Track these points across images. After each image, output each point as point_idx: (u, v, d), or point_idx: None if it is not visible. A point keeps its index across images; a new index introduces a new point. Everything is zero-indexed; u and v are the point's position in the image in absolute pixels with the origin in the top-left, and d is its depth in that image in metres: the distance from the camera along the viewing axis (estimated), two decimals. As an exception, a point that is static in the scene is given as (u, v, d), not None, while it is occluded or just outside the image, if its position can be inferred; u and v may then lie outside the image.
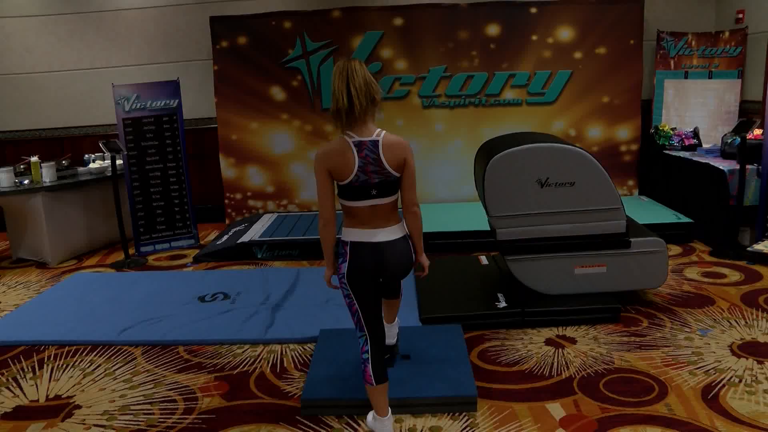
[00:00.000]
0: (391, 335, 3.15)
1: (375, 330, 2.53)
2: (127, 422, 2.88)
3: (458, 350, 3.25)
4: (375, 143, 2.39)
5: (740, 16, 6.07)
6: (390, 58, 6.38)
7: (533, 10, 6.24)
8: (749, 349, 3.33)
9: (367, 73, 2.38)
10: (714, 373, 3.08)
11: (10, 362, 3.56)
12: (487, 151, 3.95)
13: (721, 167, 5.00)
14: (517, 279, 3.91)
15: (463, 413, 2.81)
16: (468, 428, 2.70)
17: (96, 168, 5.86)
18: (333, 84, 2.35)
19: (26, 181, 5.40)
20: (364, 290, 2.49)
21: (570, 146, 3.73)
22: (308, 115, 6.50)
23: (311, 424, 2.80)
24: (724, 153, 5.35)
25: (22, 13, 6.63)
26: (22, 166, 5.66)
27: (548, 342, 3.53)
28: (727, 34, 6.14)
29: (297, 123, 6.52)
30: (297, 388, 3.12)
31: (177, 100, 5.80)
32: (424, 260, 2.68)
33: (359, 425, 2.76)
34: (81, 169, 5.83)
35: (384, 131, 2.44)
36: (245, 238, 5.53)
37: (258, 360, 3.46)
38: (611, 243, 3.83)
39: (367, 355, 2.50)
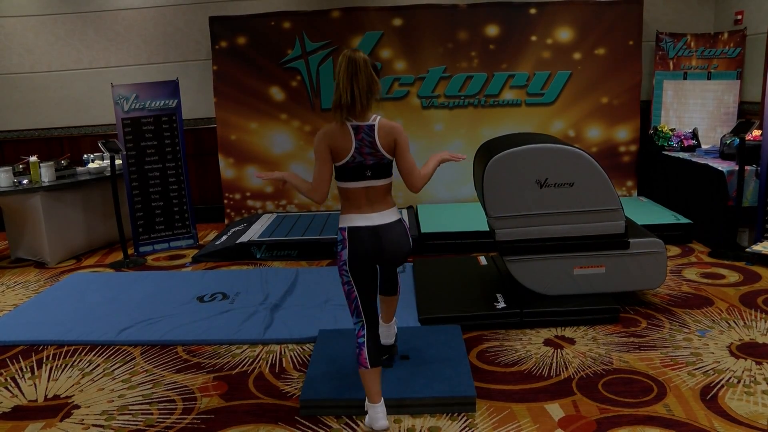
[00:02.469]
0: (389, 335, 3.15)
1: (371, 316, 2.63)
2: (126, 422, 2.87)
3: (457, 351, 3.25)
4: (371, 127, 2.52)
5: (739, 17, 6.08)
6: (389, 58, 6.38)
7: (532, 10, 6.24)
8: (748, 349, 3.34)
9: (371, 69, 2.48)
10: (713, 374, 3.08)
11: (9, 362, 3.56)
12: (487, 152, 3.95)
13: (720, 168, 5.01)
14: (516, 279, 3.91)
15: (462, 414, 2.81)
16: (467, 429, 2.70)
17: (95, 168, 5.86)
18: (337, 77, 2.47)
19: (25, 181, 5.40)
20: (363, 276, 2.58)
21: (569, 147, 3.73)
22: (307, 115, 6.51)
23: (310, 425, 2.79)
24: (723, 154, 5.35)
25: (22, 12, 6.62)
26: (21, 166, 5.65)
27: (547, 342, 3.53)
28: (726, 35, 6.15)
29: (296, 123, 6.53)
30: (296, 389, 3.12)
31: (176, 100, 5.79)
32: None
33: (358, 425, 2.76)
34: (80, 169, 5.83)
35: (380, 116, 2.55)
36: (244, 239, 5.53)
37: (257, 360, 3.46)
38: (610, 244, 3.83)
39: (363, 339, 2.61)
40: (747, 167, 4.91)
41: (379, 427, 2.56)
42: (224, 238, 5.78)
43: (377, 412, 2.58)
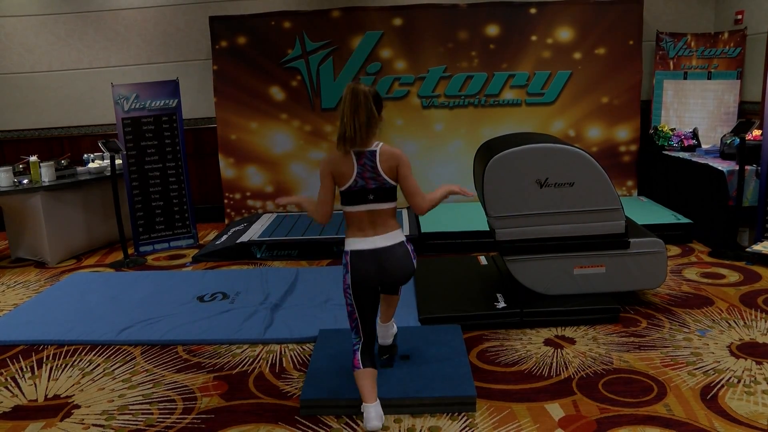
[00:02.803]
0: (388, 335, 3.16)
1: (369, 335, 2.73)
2: (126, 422, 2.87)
3: (457, 350, 3.25)
4: (373, 153, 2.61)
5: (739, 17, 6.08)
6: (390, 58, 6.38)
7: (533, 10, 6.24)
8: (748, 349, 3.34)
9: (371, 104, 2.56)
10: (713, 374, 3.08)
11: (9, 362, 3.56)
12: (487, 152, 3.95)
13: (720, 168, 5.01)
14: (516, 279, 3.91)
15: (462, 413, 2.81)
16: (467, 428, 2.70)
17: (95, 168, 5.86)
18: (342, 110, 2.57)
19: (25, 181, 5.40)
20: (365, 300, 2.67)
21: (569, 146, 3.73)
22: (307, 115, 6.51)
23: (310, 424, 2.80)
24: (723, 154, 5.35)
25: (22, 12, 6.62)
26: (21, 166, 5.65)
27: (547, 342, 3.53)
28: (726, 34, 6.15)
29: (296, 123, 6.53)
30: (296, 388, 3.12)
31: (176, 100, 5.79)
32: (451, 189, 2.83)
33: (358, 425, 2.76)
34: (80, 168, 5.83)
35: (381, 143, 2.65)
36: (244, 238, 5.53)
37: (257, 360, 3.46)
38: (610, 243, 3.83)
39: (357, 347, 2.71)
40: (747, 167, 4.91)
41: (371, 428, 2.57)
42: (224, 237, 5.78)
43: (370, 413, 2.58)
